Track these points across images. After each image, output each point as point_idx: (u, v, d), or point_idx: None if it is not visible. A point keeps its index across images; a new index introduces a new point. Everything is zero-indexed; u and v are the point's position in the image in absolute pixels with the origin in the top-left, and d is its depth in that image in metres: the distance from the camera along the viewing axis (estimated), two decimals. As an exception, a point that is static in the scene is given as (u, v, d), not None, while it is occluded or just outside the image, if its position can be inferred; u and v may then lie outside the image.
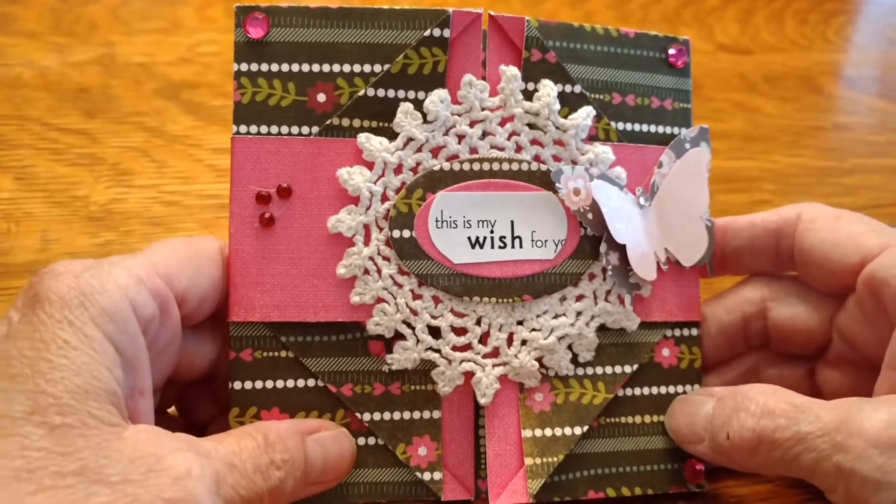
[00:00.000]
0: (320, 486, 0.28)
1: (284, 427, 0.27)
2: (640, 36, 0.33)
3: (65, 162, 0.44)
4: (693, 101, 0.34)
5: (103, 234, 0.41)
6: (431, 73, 0.31)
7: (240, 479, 0.25)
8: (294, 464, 0.26)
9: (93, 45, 0.51)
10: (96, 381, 0.23)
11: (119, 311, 0.24)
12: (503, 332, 0.31)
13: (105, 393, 0.23)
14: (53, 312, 0.24)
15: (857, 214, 0.32)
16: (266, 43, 0.30)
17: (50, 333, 0.23)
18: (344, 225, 0.30)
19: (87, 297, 0.24)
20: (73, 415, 0.22)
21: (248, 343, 0.30)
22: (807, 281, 0.32)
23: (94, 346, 0.24)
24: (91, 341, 0.23)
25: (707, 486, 0.32)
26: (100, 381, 0.23)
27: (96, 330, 0.24)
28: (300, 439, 0.27)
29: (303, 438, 0.27)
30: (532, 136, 0.31)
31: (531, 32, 0.31)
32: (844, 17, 0.64)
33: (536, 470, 0.30)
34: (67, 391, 0.23)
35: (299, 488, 0.27)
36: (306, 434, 0.28)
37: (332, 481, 0.29)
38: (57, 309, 0.24)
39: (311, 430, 0.28)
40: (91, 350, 0.23)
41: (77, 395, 0.23)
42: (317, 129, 0.30)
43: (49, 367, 0.23)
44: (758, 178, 0.48)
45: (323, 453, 0.28)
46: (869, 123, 0.54)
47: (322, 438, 0.28)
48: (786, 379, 0.34)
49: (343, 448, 0.29)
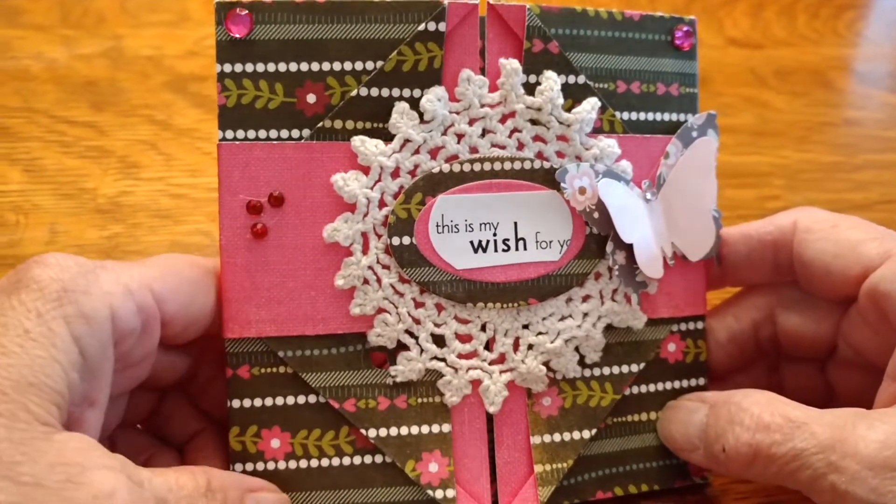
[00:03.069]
0: None
1: (230, 479, 0.26)
2: (644, 18, 0.32)
3: (73, 154, 0.44)
4: (700, 91, 0.33)
5: (111, 227, 0.41)
6: (427, 70, 0.29)
7: None
8: None
9: (101, 37, 0.51)
10: (45, 377, 0.22)
11: (96, 315, 0.23)
12: (509, 338, 0.30)
13: (51, 391, 0.22)
14: (26, 300, 0.23)
15: (853, 219, 0.31)
16: (250, 41, 0.28)
17: (14, 320, 0.22)
18: (341, 234, 0.29)
19: (68, 293, 0.23)
20: (5, 404, 0.21)
21: (245, 359, 0.29)
22: (808, 290, 0.32)
23: (56, 342, 0.23)
24: (54, 337, 0.23)
25: (711, 477, 0.32)
26: (49, 378, 0.22)
27: (64, 328, 0.23)
28: (241, 495, 0.26)
29: (245, 494, 0.26)
30: (534, 132, 0.30)
31: (532, 21, 0.30)
32: (856, 11, 0.63)
33: (546, 477, 0.30)
34: (9, 379, 0.22)
35: None
36: (250, 491, 0.26)
37: None
38: (31, 298, 0.23)
39: (256, 488, 0.27)
40: (51, 346, 0.22)
41: (19, 386, 0.22)
42: (308, 133, 0.29)
43: (0, 352, 0.22)
44: (767, 173, 0.47)
45: None
46: (880, 119, 0.54)
47: (263, 499, 0.27)
48: (800, 380, 0.33)
49: None
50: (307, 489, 0.29)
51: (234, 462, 0.28)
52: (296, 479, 0.28)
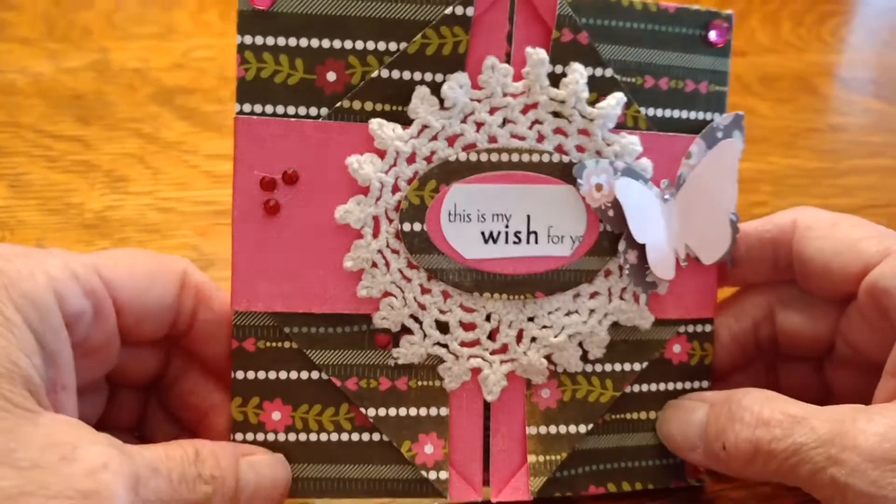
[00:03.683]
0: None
1: (219, 445, 0.26)
2: (680, 11, 0.31)
3: (59, 169, 0.44)
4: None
5: (99, 242, 0.41)
6: (451, 55, 0.28)
7: (163, 485, 0.24)
8: (224, 483, 0.26)
9: (87, 50, 0.50)
10: (11, 365, 0.22)
11: (42, 299, 0.24)
12: (513, 329, 0.30)
13: (21, 378, 0.22)
14: None
15: (853, 218, 0.31)
16: (272, 14, 0.28)
17: None
18: (352, 216, 0.29)
19: (13, 281, 0.23)
20: None
21: (252, 332, 0.29)
22: (807, 289, 0.32)
23: (14, 330, 0.23)
24: (10, 325, 0.23)
25: (707, 479, 0.33)
26: (15, 366, 0.22)
27: (17, 315, 0.23)
28: (234, 460, 0.26)
29: (237, 459, 0.27)
30: (556, 125, 0.29)
31: (563, 10, 0.29)
32: (839, 18, 0.63)
33: (539, 468, 0.30)
34: None
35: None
36: (241, 456, 0.27)
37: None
38: None
39: (247, 452, 0.27)
40: (9, 334, 0.23)
41: None
42: (326, 111, 0.28)
43: None
44: (754, 179, 0.47)
45: (256, 477, 0.27)
46: (864, 124, 0.54)
47: (256, 462, 0.27)
48: (797, 380, 0.33)
49: (277, 475, 0.28)
50: (305, 461, 0.29)
51: (235, 431, 0.29)
52: (294, 452, 0.29)
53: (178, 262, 0.29)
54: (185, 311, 0.29)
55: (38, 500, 0.21)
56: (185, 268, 0.29)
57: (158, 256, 0.28)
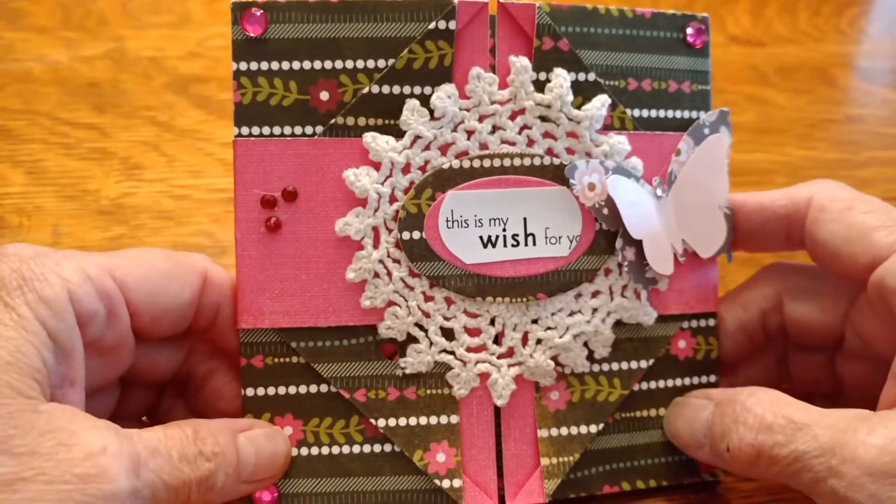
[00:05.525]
0: (253, 486, 0.28)
1: (216, 423, 0.27)
2: (656, 16, 0.32)
3: (75, 156, 0.45)
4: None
5: (114, 228, 0.41)
6: (437, 68, 0.29)
7: (164, 464, 0.24)
8: (225, 458, 0.26)
9: (103, 39, 0.51)
10: (21, 356, 0.23)
11: (56, 299, 0.24)
12: (518, 332, 0.30)
13: (29, 368, 0.23)
14: None
15: (871, 201, 0.30)
16: (265, 40, 0.29)
17: None
18: (352, 228, 0.29)
19: (27, 281, 0.24)
20: None
21: (259, 349, 0.29)
22: (821, 266, 0.32)
23: (26, 325, 0.24)
24: (23, 321, 0.24)
25: (721, 475, 0.32)
26: (25, 357, 0.23)
27: (30, 312, 0.24)
28: (232, 436, 0.27)
29: (235, 435, 0.27)
30: (544, 128, 0.30)
31: (542, 19, 0.30)
32: (858, 8, 0.62)
33: (553, 470, 0.30)
34: None
35: (232, 485, 0.26)
36: (238, 431, 0.27)
37: (265, 480, 0.28)
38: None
39: (244, 428, 0.28)
40: (22, 329, 0.24)
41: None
42: (321, 129, 0.29)
43: None
44: (770, 170, 0.47)
45: (256, 451, 0.27)
46: (882, 115, 0.53)
47: (254, 436, 0.28)
48: (808, 371, 0.33)
49: (276, 447, 0.28)
50: (318, 476, 0.29)
51: (247, 449, 0.29)
52: (307, 466, 0.29)
53: (198, 261, 0.29)
54: (208, 307, 0.29)
55: (36, 485, 0.21)
56: (207, 266, 0.29)
57: (176, 256, 0.29)
